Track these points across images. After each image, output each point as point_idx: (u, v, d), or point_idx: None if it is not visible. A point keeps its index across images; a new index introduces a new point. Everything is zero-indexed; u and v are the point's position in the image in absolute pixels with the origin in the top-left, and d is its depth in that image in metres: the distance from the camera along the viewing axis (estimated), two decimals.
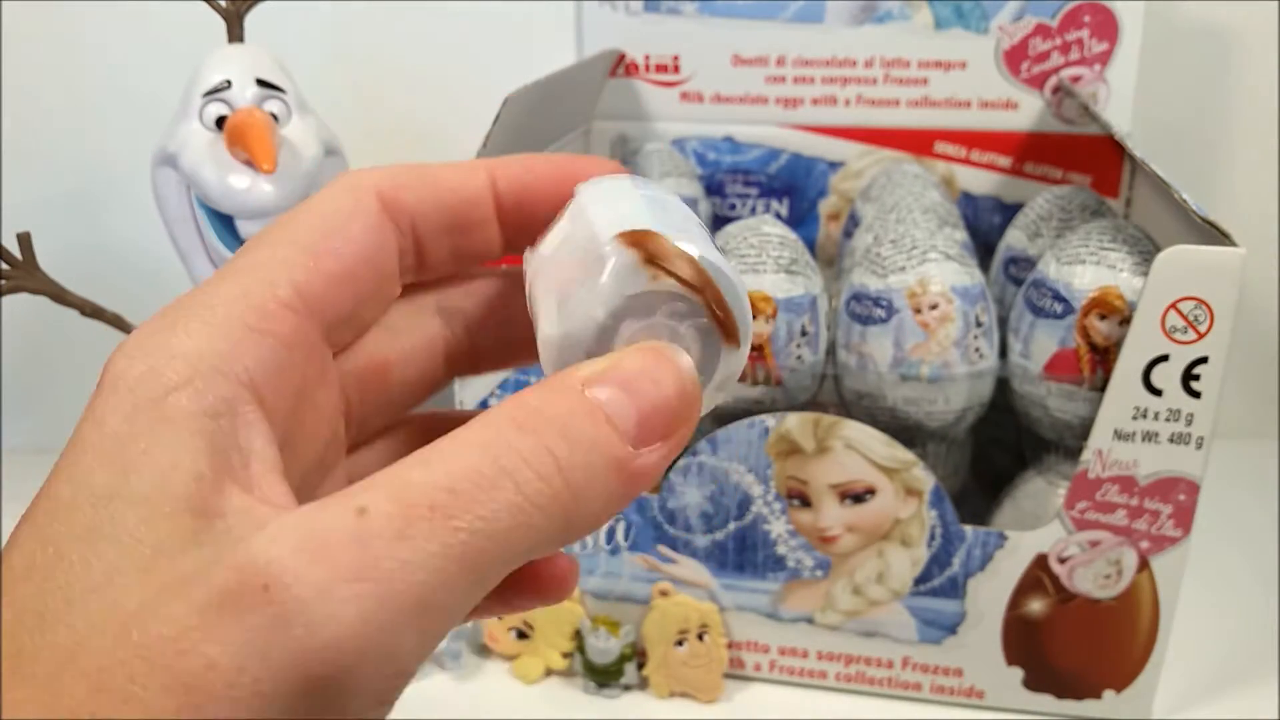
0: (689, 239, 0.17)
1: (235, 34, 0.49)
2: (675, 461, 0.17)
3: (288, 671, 0.14)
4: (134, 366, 0.16)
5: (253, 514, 0.15)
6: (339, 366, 0.20)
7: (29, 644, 0.14)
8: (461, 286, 0.22)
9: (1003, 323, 0.44)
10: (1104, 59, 0.54)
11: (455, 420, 0.17)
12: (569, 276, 0.18)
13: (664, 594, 0.44)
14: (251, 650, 0.13)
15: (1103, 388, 0.38)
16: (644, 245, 0.17)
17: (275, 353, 0.17)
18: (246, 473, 0.16)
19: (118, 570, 0.14)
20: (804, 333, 0.43)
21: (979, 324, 0.42)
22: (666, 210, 0.18)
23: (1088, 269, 0.39)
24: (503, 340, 0.22)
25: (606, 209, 0.18)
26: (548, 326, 0.18)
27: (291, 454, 0.18)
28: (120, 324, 0.52)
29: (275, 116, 0.48)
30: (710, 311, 0.17)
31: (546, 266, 0.18)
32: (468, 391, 0.42)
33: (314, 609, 0.14)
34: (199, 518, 0.15)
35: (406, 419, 0.22)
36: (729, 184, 0.60)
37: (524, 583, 0.20)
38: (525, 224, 0.20)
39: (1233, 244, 0.35)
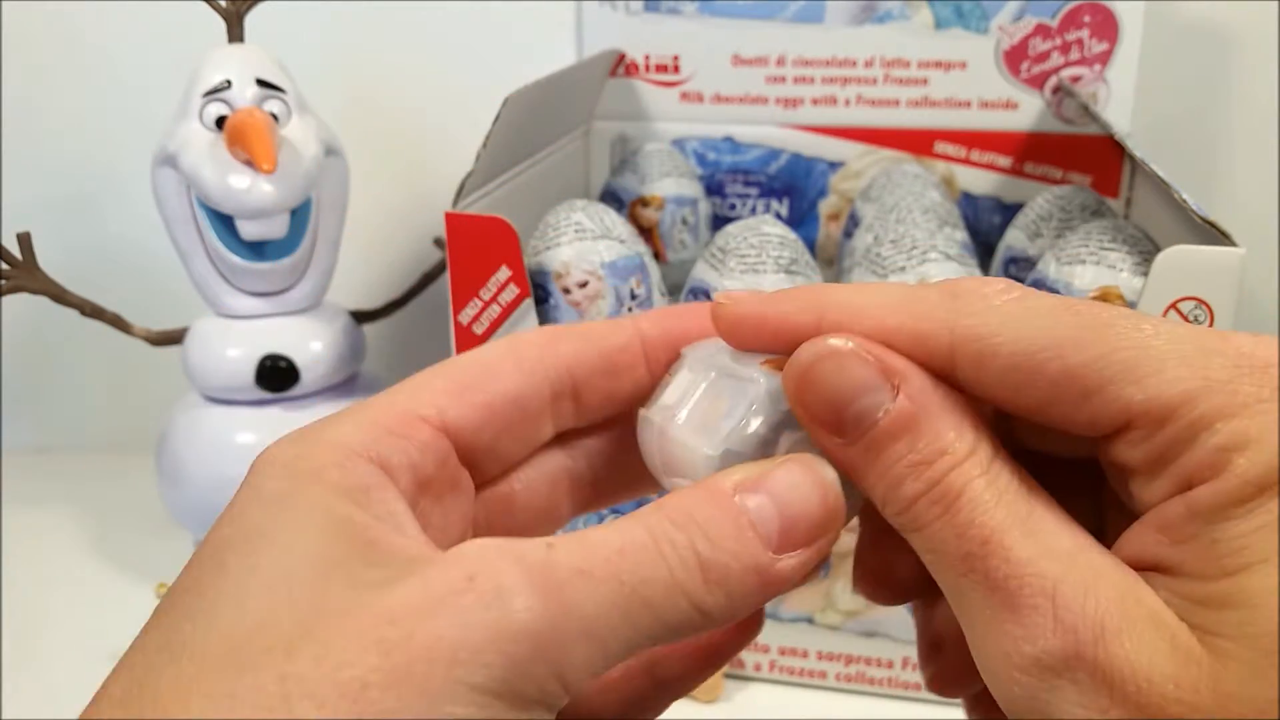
0: None
1: (235, 34, 0.49)
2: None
3: (483, 645, 0.15)
4: (285, 451, 0.19)
5: (420, 547, 0.17)
6: (478, 495, 0.21)
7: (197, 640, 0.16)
8: (582, 434, 0.23)
9: None
10: (1104, 59, 0.54)
11: None
12: (715, 407, 0.20)
13: None
14: (453, 623, 0.15)
15: None
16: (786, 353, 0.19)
17: (408, 453, 0.19)
18: (400, 530, 0.18)
19: (296, 575, 0.16)
20: None
21: None
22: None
23: (1088, 269, 0.39)
24: (623, 478, 0.23)
25: (729, 357, 0.20)
26: (708, 449, 0.19)
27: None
28: (120, 324, 0.52)
29: (275, 116, 0.48)
30: None
31: (678, 412, 0.20)
32: None
33: (511, 599, 0.16)
34: (369, 547, 0.17)
35: None
36: (729, 184, 0.60)
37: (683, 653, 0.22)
38: (673, 361, 0.22)
39: (1233, 244, 0.35)
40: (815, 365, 0.18)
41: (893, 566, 0.21)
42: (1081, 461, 0.19)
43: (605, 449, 0.23)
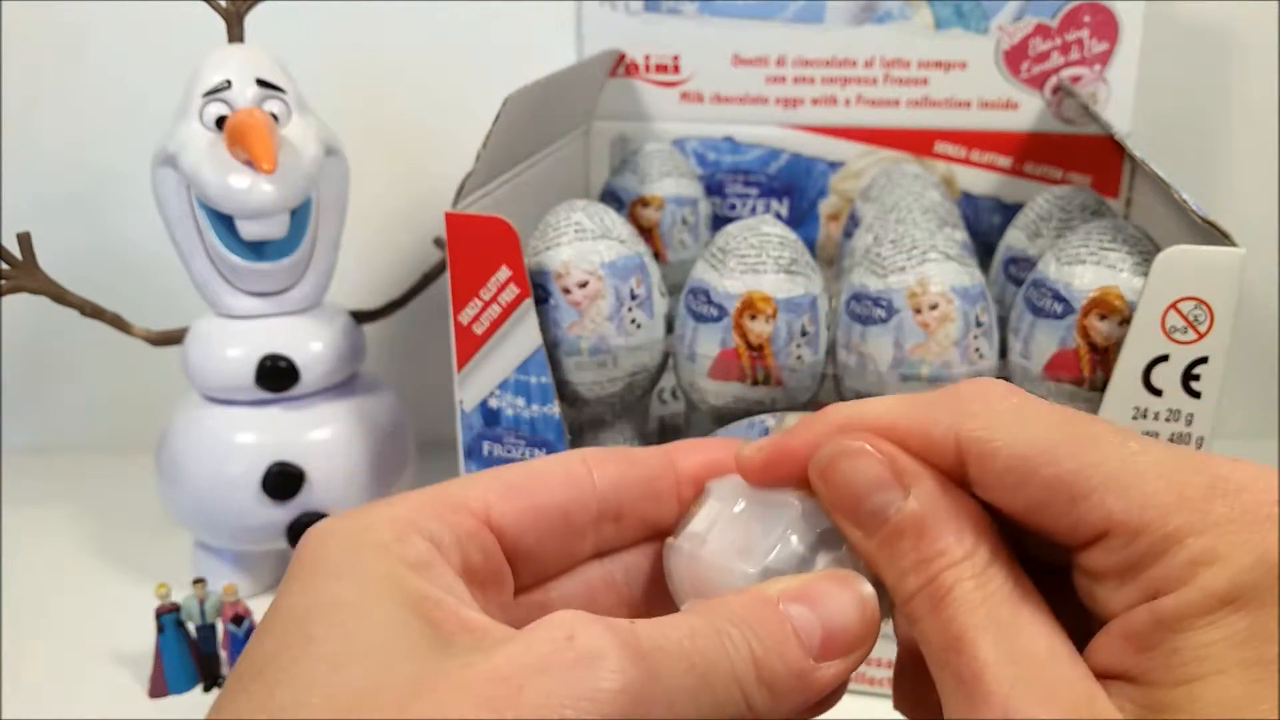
0: None
1: (235, 34, 0.49)
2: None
3: (585, 704, 0.16)
4: (343, 524, 0.19)
5: (490, 621, 0.18)
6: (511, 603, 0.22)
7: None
8: (618, 552, 0.24)
9: (1003, 323, 0.44)
10: (1104, 59, 0.54)
11: None
12: (749, 530, 0.21)
13: None
14: (559, 680, 0.16)
15: (1103, 388, 0.38)
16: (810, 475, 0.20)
17: (457, 536, 0.20)
18: (465, 605, 0.19)
19: (392, 644, 0.17)
20: (804, 333, 0.43)
21: (979, 324, 0.42)
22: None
23: (1088, 269, 0.39)
24: (657, 597, 0.24)
25: (731, 485, 0.22)
26: (748, 567, 0.20)
27: None
28: (120, 324, 0.52)
29: (275, 116, 0.48)
30: None
31: (710, 540, 0.21)
32: (467, 390, 0.42)
33: (607, 661, 0.16)
34: (446, 620, 0.18)
35: None
36: (729, 184, 0.60)
37: None
38: (698, 493, 0.23)
39: (1233, 244, 0.35)
40: (834, 461, 0.20)
41: (929, 691, 0.22)
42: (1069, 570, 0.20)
43: (643, 566, 0.24)
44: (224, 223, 0.48)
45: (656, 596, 0.23)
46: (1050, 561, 0.20)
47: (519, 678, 0.16)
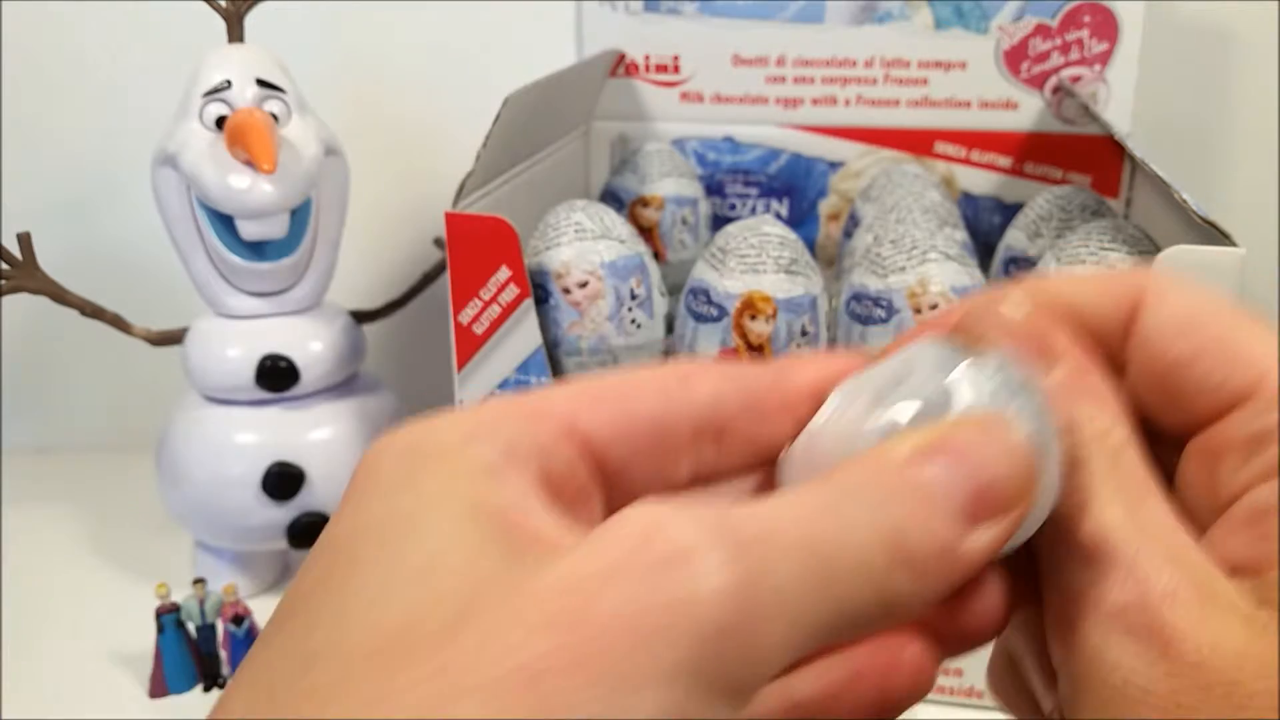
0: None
1: (235, 34, 0.49)
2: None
3: (671, 617, 0.13)
4: (400, 439, 0.17)
5: (567, 530, 0.16)
6: None
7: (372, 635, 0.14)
8: (710, 485, 0.21)
9: None
10: (1104, 59, 0.54)
11: None
12: (872, 403, 0.17)
13: None
14: (637, 590, 0.13)
15: None
16: (957, 333, 0.18)
17: (536, 441, 0.17)
18: (537, 514, 0.16)
19: (442, 562, 0.14)
20: (804, 333, 0.43)
21: None
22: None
23: (1088, 269, 0.39)
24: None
25: (853, 389, 0.18)
26: (868, 425, 0.17)
27: None
28: (120, 324, 0.52)
29: (275, 116, 0.48)
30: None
31: (821, 435, 0.18)
32: (467, 390, 0.42)
33: (697, 560, 0.13)
34: (514, 529, 0.15)
35: None
36: (729, 184, 0.60)
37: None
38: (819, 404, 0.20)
39: (1233, 244, 0.35)
40: (983, 336, 0.18)
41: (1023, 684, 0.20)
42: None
43: (734, 498, 0.20)
44: (224, 223, 0.48)
45: None
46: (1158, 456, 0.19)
47: (590, 586, 0.13)
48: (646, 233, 0.54)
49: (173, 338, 0.52)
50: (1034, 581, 0.18)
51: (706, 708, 0.13)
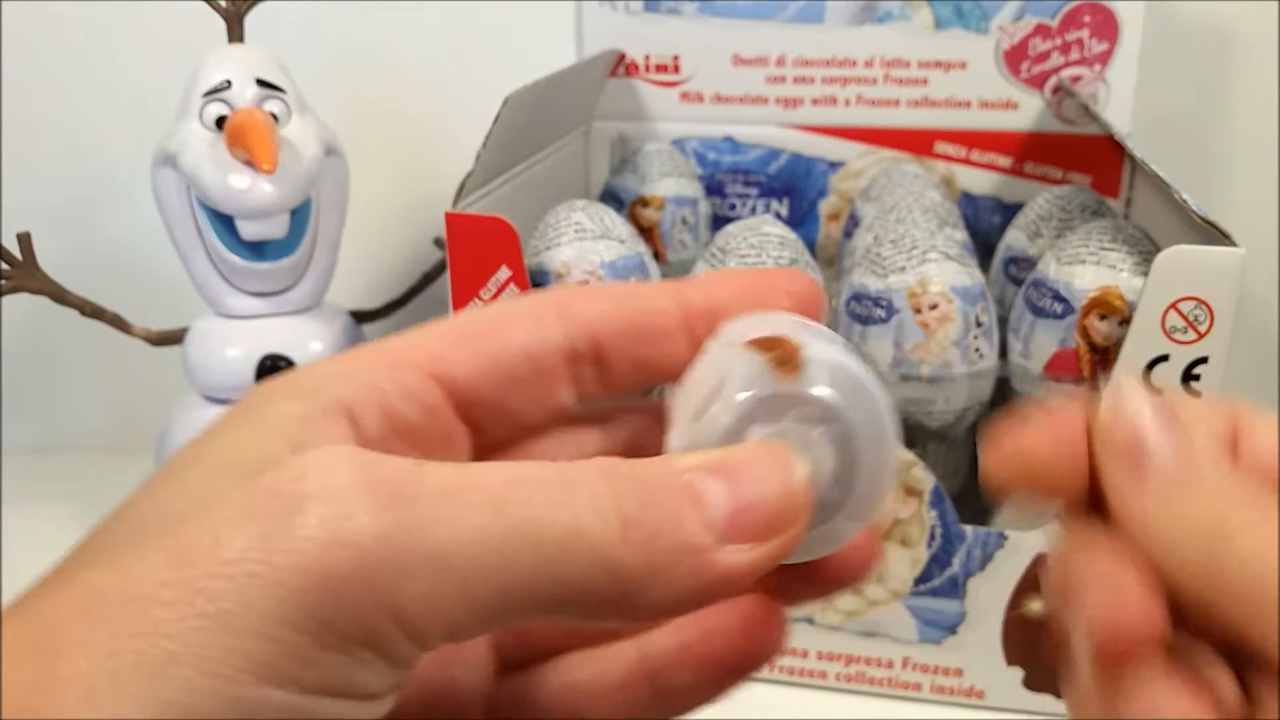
0: (825, 346, 0.17)
1: (235, 34, 0.49)
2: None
3: (286, 558, 0.13)
4: (258, 388, 0.18)
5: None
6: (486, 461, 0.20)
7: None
8: (627, 417, 0.21)
9: (1003, 323, 0.44)
10: (1104, 59, 0.54)
11: None
12: (700, 393, 0.17)
13: None
14: (260, 531, 0.13)
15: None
16: (772, 349, 0.17)
17: (385, 395, 0.17)
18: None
19: (173, 510, 0.15)
20: None
21: (979, 324, 0.42)
22: (808, 330, 0.18)
23: (1088, 269, 0.39)
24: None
25: (743, 329, 0.18)
26: (675, 440, 0.17)
27: None
28: (120, 324, 0.52)
29: (275, 116, 0.48)
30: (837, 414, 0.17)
31: (681, 392, 0.18)
32: None
33: (338, 505, 0.13)
34: (256, 476, 0.15)
35: None
36: (729, 184, 0.60)
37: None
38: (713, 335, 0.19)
39: (1233, 244, 0.35)
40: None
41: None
42: None
43: (650, 432, 0.20)
44: (224, 223, 0.48)
45: None
46: None
47: (222, 529, 0.13)
48: (646, 233, 0.54)
49: (173, 338, 0.52)
50: None
51: (323, 654, 0.13)
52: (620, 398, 0.20)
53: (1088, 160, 0.56)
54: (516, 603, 0.14)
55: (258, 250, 0.48)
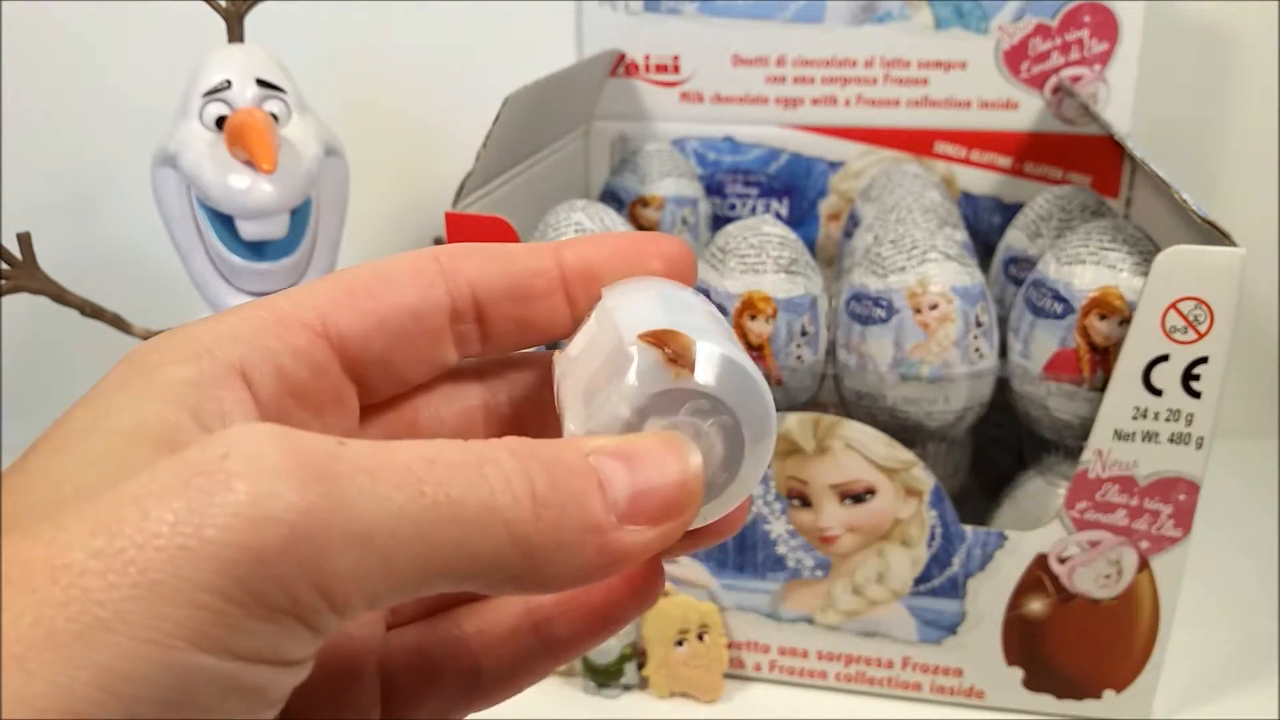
0: (710, 338, 0.18)
1: (235, 34, 0.49)
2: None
3: (216, 533, 0.13)
4: (143, 349, 0.17)
5: None
6: (373, 418, 0.20)
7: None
8: (507, 371, 0.22)
9: (1003, 323, 0.44)
10: (1104, 59, 0.54)
11: None
12: (595, 377, 0.18)
13: (664, 594, 0.44)
14: (188, 505, 0.13)
15: (1103, 388, 0.38)
16: (666, 344, 0.17)
17: (275, 355, 0.18)
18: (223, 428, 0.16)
19: (84, 479, 0.15)
20: (804, 333, 0.43)
21: (979, 324, 0.42)
22: (688, 310, 0.19)
23: (1088, 269, 0.39)
24: (548, 420, 0.22)
25: (631, 310, 0.19)
26: (573, 425, 0.18)
27: None
28: (120, 324, 0.52)
29: (275, 116, 0.48)
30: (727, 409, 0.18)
31: (573, 367, 0.19)
32: None
33: (265, 483, 0.14)
34: (171, 449, 0.15)
35: None
36: (729, 184, 0.60)
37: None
38: (594, 301, 0.20)
39: (1233, 244, 0.35)
40: None
41: None
42: None
43: (529, 386, 0.21)
44: (224, 223, 0.48)
45: (550, 419, 0.20)
46: None
47: (148, 503, 0.14)
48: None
49: None
50: None
51: (252, 623, 0.14)
52: (499, 353, 0.21)
53: (1088, 160, 0.56)
54: (433, 575, 0.15)
55: (258, 250, 0.48)
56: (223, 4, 0.49)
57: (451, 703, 0.21)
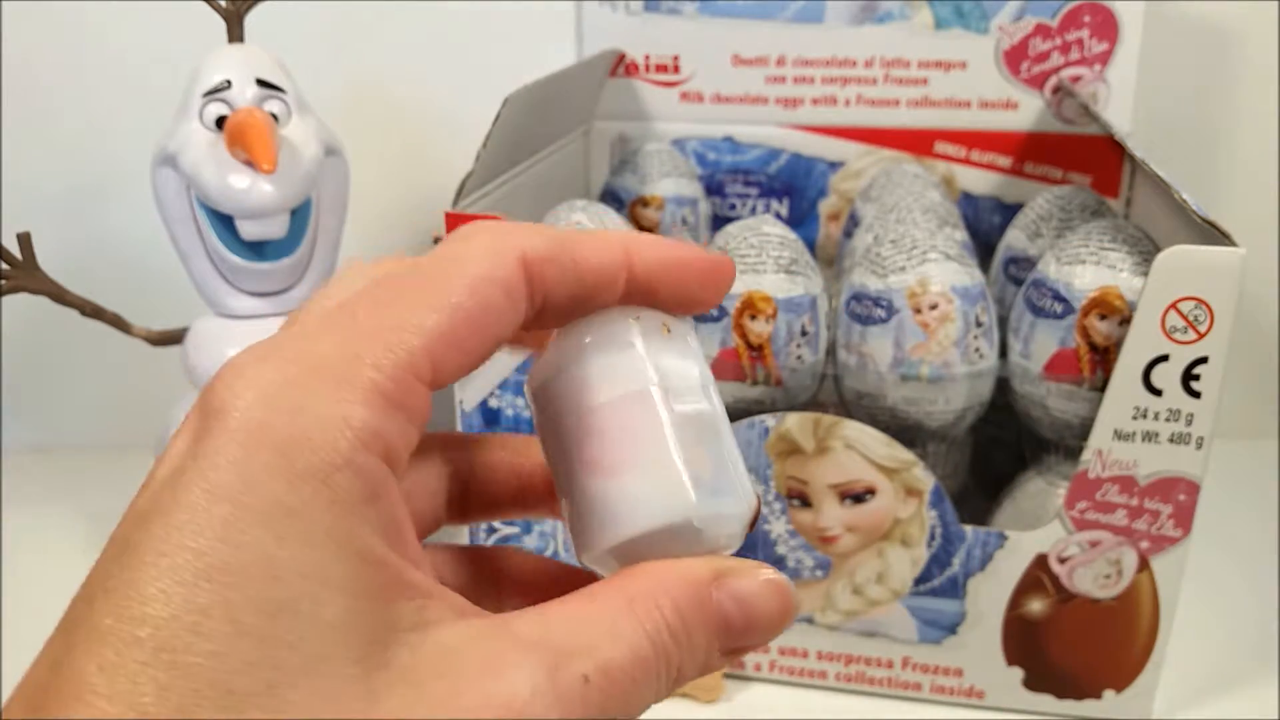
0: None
1: (235, 34, 0.49)
2: None
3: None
4: (275, 419, 0.15)
5: (429, 582, 0.16)
6: None
7: None
8: (469, 442, 0.22)
9: (1003, 323, 0.44)
10: (1104, 59, 0.54)
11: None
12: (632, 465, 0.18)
13: None
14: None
15: (1103, 388, 0.38)
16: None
17: (405, 429, 0.16)
18: (407, 550, 0.16)
19: (326, 658, 0.14)
20: (804, 333, 0.43)
21: (979, 324, 0.42)
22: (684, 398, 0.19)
23: (1088, 269, 0.39)
24: (499, 496, 0.22)
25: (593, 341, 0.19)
26: (639, 381, 0.18)
27: None
28: (120, 324, 0.52)
29: (275, 116, 0.48)
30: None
31: (579, 361, 0.19)
32: (467, 391, 0.42)
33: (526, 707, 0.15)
34: (391, 590, 0.16)
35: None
36: (729, 184, 0.60)
37: None
38: (647, 298, 0.20)
39: (1233, 244, 0.35)
40: None
41: None
42: None
43: (485, 467, 0.22)
44: (224, 223, 0.48)
45: (498, 485, 0.22)
46: None
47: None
48: (646, 232, 0.54)
49: (173, 338, 0.52)
50: None
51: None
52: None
53: (1088, 160, 0.56)
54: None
55: (258, 250, 0.48)
56: (223, 4, 0.49)
57: None
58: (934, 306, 0.41)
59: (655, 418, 0.18)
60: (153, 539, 0.14)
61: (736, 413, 0.42)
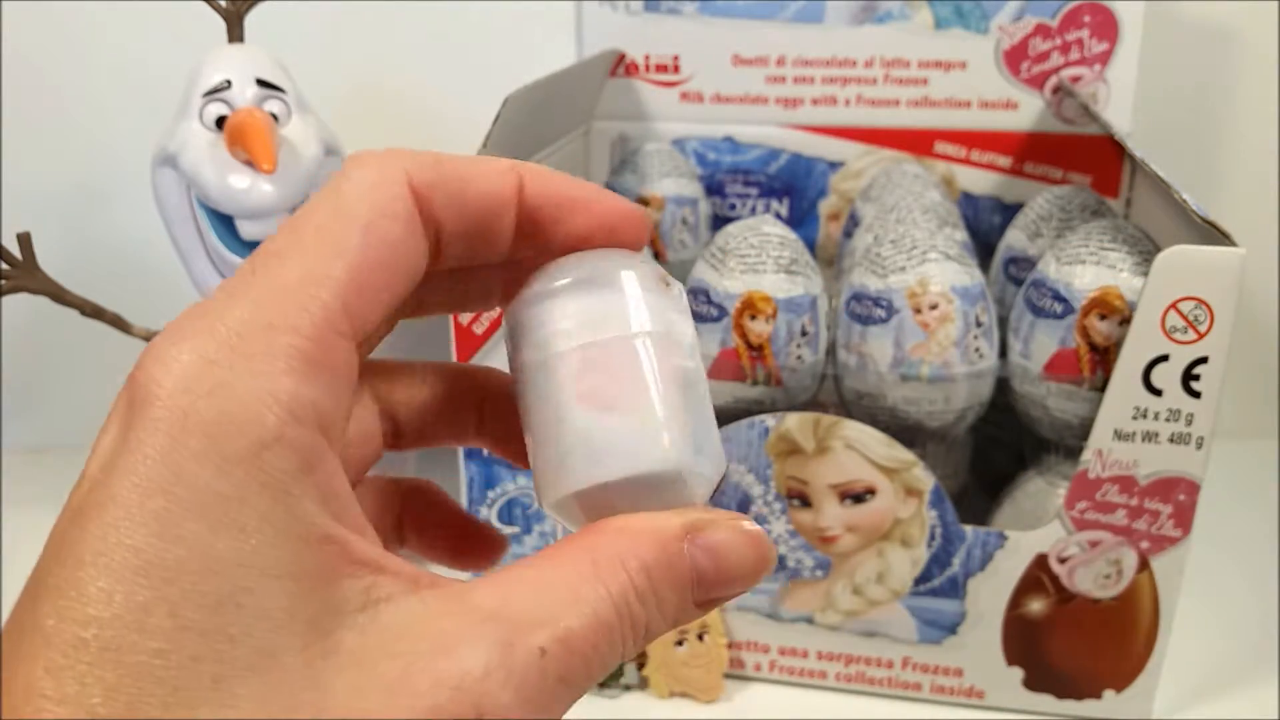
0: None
1: (235, 34, 0.49)
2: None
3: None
4: (199, 404, 0.15)
5: (380, 555, 0.16)
6: None
7: None
8: (405, 372, 0.22)
9: (1003, 323, 0.44)
10: (1104, 59, 0.54)
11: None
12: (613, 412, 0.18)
13: None
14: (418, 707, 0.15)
15: (1103, 388, 0.38)
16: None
17: (334, 388, 0.16)
18: (349, 520, 0.16)
19: (271, 648, 0.14)
20: (804, 333, 0.43)
21: (979, 324, 0.42)
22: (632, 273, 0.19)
23: (1088, 269, 0.39)
24: (429, 425, 0.22)
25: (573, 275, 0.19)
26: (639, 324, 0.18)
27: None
28: (120, 324, 0.52)
29: (275, 116, 0.48)
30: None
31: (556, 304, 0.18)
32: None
33: (480, 684, 0.15)
34: (342, 564, 0.15)
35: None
36: (729, 184, 0.60)
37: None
38: (538, 237, 0.20)
39: (1233, 244, 0.35)
40: None
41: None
42: None
43: (422, 397, 0.22)
44: (224, 223, 0.48)
45: (432, 415, 0.22)
46: None
47: (379, 700, 0.14)
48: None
49: None
50: None
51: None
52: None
53: (1088, 160, 0.56)
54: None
55: None
56: (223, 4, 0.49)
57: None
58: (934, 306, 0.41)
59: (654, 364, 0.18)
60: (90, 537, 0.14)
61: (736, 413, 0.42)
